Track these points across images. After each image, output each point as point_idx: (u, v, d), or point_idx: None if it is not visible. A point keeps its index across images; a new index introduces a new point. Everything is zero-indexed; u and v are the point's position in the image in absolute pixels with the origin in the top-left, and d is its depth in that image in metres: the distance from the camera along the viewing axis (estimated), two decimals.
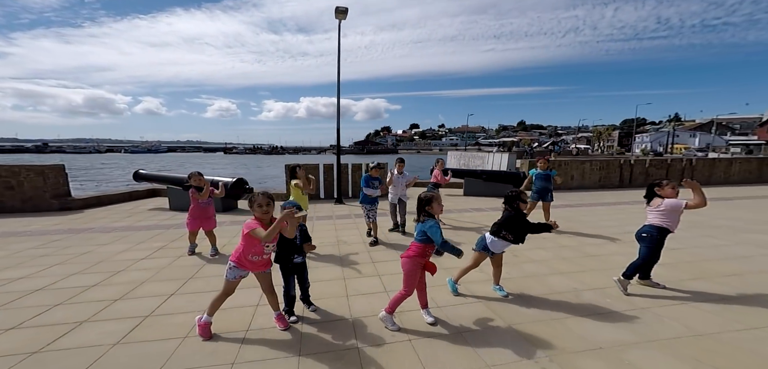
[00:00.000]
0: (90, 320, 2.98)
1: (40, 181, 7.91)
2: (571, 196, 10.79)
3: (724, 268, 4.34)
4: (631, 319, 3.07)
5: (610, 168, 13.08)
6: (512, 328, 2.94)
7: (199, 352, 2.58)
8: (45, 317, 3.04)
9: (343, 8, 9.17)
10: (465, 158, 25.16)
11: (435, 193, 2.99)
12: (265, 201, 2.72)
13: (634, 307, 3.29)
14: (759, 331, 2.84)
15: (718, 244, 5.34)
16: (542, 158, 6.66)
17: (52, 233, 5.98)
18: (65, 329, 2.83)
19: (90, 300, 3.36)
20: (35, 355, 2.48)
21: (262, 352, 2.59)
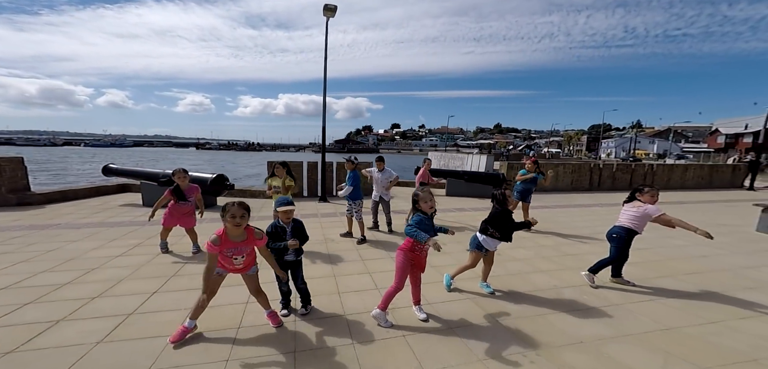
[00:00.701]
0: (67, 319, 2.81)
1: (14, 174, 7.25)
2: (546, 198, 11.30)
3: (686, 267, 4.73)
4: (607, 314, 3.29)
5: (581, 171, 13.82)
6: (500, 323, 3.08)
7: (191, 350, 2.51)
8: (15, 316, 2.83)
9: (333, 6, 9.07)
10: (445, 159, 25.69)
11: (422, 190, 3.04)
12: (239, 212, 2.55)
13: (609, 303, 3.54)
14: (718, 325, 3.13)
15: (679, 245, 5.81)
16: (530, 160, 6.77)
17: (11, 229, 5.51)
18: (40, 328, 2.66)
19: (64, 298, 3.16)
20: (9, 355, 2.31)
21: (255, 350, 2.57)
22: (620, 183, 14.18)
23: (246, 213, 2.59)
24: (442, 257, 4.90)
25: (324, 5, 9.02)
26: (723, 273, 4.52)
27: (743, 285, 4.11)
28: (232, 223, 2.53)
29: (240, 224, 2.56)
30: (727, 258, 5.19)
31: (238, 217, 2.53)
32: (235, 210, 2.53)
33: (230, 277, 2.81)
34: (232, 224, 2.53)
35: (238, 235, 2.60)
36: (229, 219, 2.53)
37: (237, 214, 2.53)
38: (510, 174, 12.49)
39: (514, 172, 12.61)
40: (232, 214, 2.52)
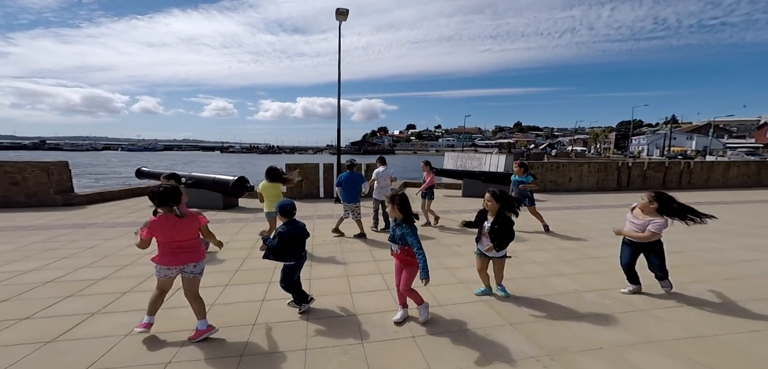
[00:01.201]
0: (101, 312, 3.04)
1: (44, 177, 7.94)
2: (569, 199, 10.87)
3: (723, 272, 4.42)
4: (630, 320, 3.14)
5: (607, 170, 13.18)
6: (514, 326, 3.01)
7: (209, 344, 2.64)
8: (57, 308, 3.09)
9: (344, 10, 9.24)
10: (462, 159, 25.21)
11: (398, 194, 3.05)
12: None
13: (634, 308, 3.37)
14: (757, 334, 2.91)
15: (718, 248, 5.43)
16: (516, 164, 6.73)
17: (57, 228, 6.02)
18: (77, 320, 2.89)
19: (100, 292, 3.41)
20: (49, 344, 2.53)
21: (269, 345, 2.66)
22: (652, 182, 13.38)
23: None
24: (455, 258, 4.86)
25: (336, 9, 9.19)
26: (765, 279, 4.18)
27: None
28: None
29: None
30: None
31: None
32: None
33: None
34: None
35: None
36: None
37: None
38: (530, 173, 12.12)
39: (534, 171, 12.24)
40: None
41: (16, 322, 2.82)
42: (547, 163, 13.19)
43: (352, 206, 5.83)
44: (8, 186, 7.73)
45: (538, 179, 6.78)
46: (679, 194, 3.43)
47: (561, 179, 12.68)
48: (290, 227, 3.05)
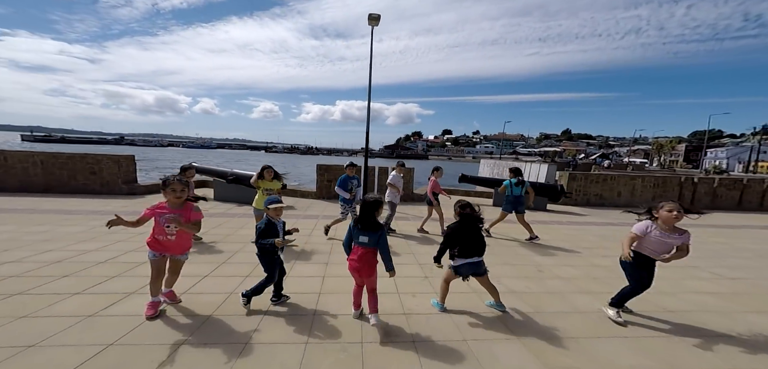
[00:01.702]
0: (137, 292, 3.44)
1: (115, 168, 9.17)
2: (615, 214, 9.93)
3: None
4: (661, 346, 2.84)
5: (667, 186, 11.79)
6: (523, 341, 2.88)
7: (217, 330, 2.87)
8: (103, 286, 3.56)
9: (376, 15, 9.46)
10: (499, 167, 24.12)
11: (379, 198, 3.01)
12: (179, 186, 2.95)
13: (657, 333, 3.04)
14: None
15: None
16: (509, 170, 6.68)
17: (120, 213, 6.90)
18: (116, 298, 3.30)
19: (140, 274, 3.86)
20: (89, 318, 2.92)
21: (274, 336, 2.82)
22: (724, 201, 11.72)
23: (186, 188, 3.01)
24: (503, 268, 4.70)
25: (368, 15, 9.42)
26: None
27: None
28: (172, 195, 2.93)
29: (180, 197, 2.96)
30: None
31: (179, 191, 2.94)
32: (176, 184, 2.94)
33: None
34: (173, 197, 2.94)
35: (176, 205, 2.97)
36: (169, 192, 2.93)
37: (177, 188, 2.94)
38: (570, 185, 11.31)
39: (577, 183, 11.40)
40: (172, 187, 2.93)
41: (69, 296, 3.29)
42: (593, 174, 12.16)
43: (350, 208, 5.96)
44: (88, 175, 9.05)
45: (530, 195, 6.72)
46: (760, 217, 3.04)
47: (608, 193, 11.65)
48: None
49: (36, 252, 4.45)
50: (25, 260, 4.14)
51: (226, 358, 2.50)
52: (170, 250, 3.04)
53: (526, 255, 5.53)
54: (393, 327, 3.05)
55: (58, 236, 5.19)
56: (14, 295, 3.25)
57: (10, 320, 2.81)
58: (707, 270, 5.09)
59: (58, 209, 7.08)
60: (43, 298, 3.21)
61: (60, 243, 4.87)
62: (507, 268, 4.81)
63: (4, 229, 5.45)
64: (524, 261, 5.22)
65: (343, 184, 5.95)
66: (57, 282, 3.59)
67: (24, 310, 2.98)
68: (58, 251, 4.52)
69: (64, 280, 3.63)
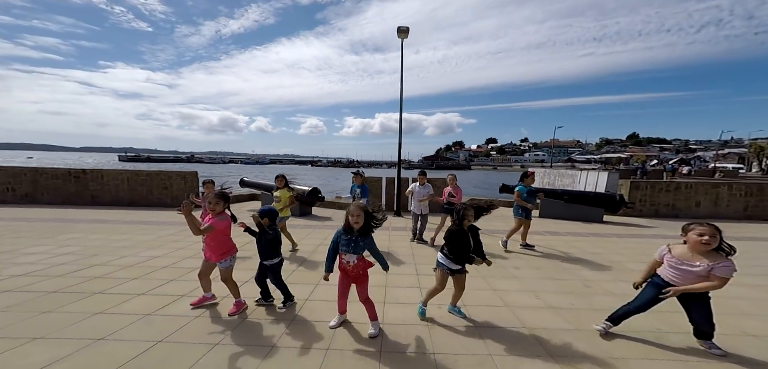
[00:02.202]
0: (186, 296, 3.88)
1: (182, 184, 10.50)
2: None
3: None
4: None
5: (764, 194, 9.91)
6: (555, 361, 2.66)
7: (250, 332, 3.12)
8: (162, 288, 4.07)
9: (405, 27, 9.61)
10: (550, 176, 22.37)
11: (353, 204, 3.01)
12: (214, 200, 3.32)
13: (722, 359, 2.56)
14: None
15: None
16: (529, 176, 6.17)
17: (183, 224, 7.85)
18: (171, 300, 3.76)
19: (192, 279, 4.35)
20: (146, 317, 3.35)
21: (299, 339, 3.00)
22: None
23: (220, 201, 3.35)
24: (510, 281, 4.45)
25: (397, 28, 9.58)
26: None
27: None
28: (209, 207, 3.35)
29: (214, 209, 3.32)
30: None
31: (214, 203, 3.32)
32: (211, 198, 3.35)
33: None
34: (209, 207, 3.35)
35: (217, 214, 3.36)
36: (208, 203, 3.39)
37: (212, 201, 3.33)
38: (633, 195, 10.10)
39: (641, 192, 10.16)
40: (209, 200, 3.36)
41: (135, 297, 3.82)
42: (662, 182, 10.72)
43: None
44: (161, 190, 10.48)
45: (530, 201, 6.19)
46: None
47: (683, 203, 10.18)
48: (275, 230, 3.52)
49: (116, 257, 5.25)
50: (108, 264, 4.91)
51: (253, 359, 2.71)
52: (205, 256, 3.47)
53: (571, 269, 5.11)
54: (415, 337, 3.03)
55: (134, 243, 6.07)
56: (96, 293, 3.88)
57: (88, 316, 3.36)
58: None
59: (137, 220, 8.28)
60: (115, 298, 3.78)
61: (134, 249, 5.69)
62: (548, 283, 4.51)
63: (97, 237, 6.52)
64: (569, 275, 4.83)
65: (351, 191, 6.25)
66: (127, 284, 4.20)
67: (101, 307, 3.54)
68: (131, 257, 5.28)
69: (132, 283, 4.23)
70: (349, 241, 2.96)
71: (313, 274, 4.70)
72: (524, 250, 6.16)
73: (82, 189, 10.44)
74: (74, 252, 5.42)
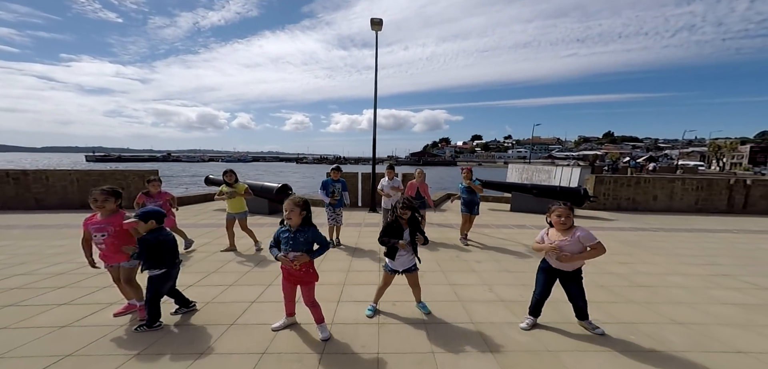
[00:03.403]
0: (117, 303, 3.55)
1: (140, 184, 9.85)
2: (648, 219, 8.98)
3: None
4: (637, 361, 2.41)
5: (712, 189, 10.48)
6: (493, 356, 2.59)
7: (179, 337, 2.87)
8: (91, 297, 3.70)
9: (378, 20, 9.43)
10: (528, 172, 22.96)
11: (286, 200, 2.81)
12: (101, 197, 3.00)
13: (649, 349, 2.58)
14: None
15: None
16: (466, 170, 6.22)
17: None
18: (96, 309, 3.40)
19: None
20: (61, 330, 3.00)
21: (287, 344, 2.80)
22: None
23: (110, 197, 3.02)
24: (472, 275, 4.39)
25: (370, 19, 9.40)
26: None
27: None
28: (94, 205, 2.98)
29: (101, 206, 2.99)
30: None
31: (100, 201, 2.98)
32: (97, 195, 2.98)
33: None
34: (95, 206, 2.99)
35: (107, 214, 3.03)
36: (92, 202, 3.00)
37: (98, 198, 2.98)
38: (598, 189, 10.43)
39: (605, 187, 10.50)
40: (93, 198, 2.98)
41: (55, 307, 3.42)
42: (623, 177, 11.13)
43: (333, 212, 5.87)
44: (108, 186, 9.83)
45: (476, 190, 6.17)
46: None
47: (642, 197, 10.59)
48: (158, 234, 2.95)
49: (47, 265, 4.77)
50: (34, 273, 4.44)
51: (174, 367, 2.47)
52: (108, 259, 3.11)
53: (529, 262, 5.12)
54: (363, 337, 2.90)
55: (72, 249, 5.56)
56: (7, 306, 3.45)
57: None
58: (742, 279, 4.39)
59: None
60: (28, 310, 3.38)
61: (71, 255, 5.20)
62: (505, 276, 4.50)
63: (31, 243, 5.94)
64: (526, 267, 4.84)
65: (324, 187, 5.88)
66: (50, 293, 3.77)
67: (8, 321, 3.14)
68: (65, 264, 4.83)
69: (57, 292, 3.82)
70: (288, 237, 2.76)
71: (266, 274, 4.46)
72: (465, 242, 6.19)
73: (23, 192, 9.55)
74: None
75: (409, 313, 3.36)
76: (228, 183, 5.56)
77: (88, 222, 3.07)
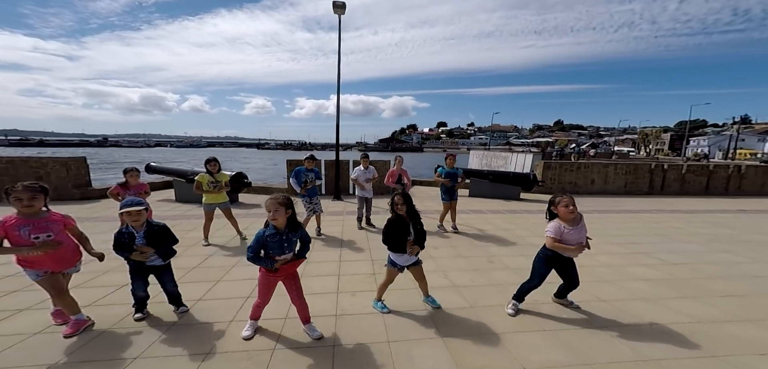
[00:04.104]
0: (33, 308, 3.17)
1: (63, 172, 8.71)
2: (585, 202, 9.92)
3: (725, 288, 3.79)
4: (572, 338, 2.71)
5: (638, 173, 11.84)
6: (443, 341, 2.72)
7: (108, 343, 2.64)
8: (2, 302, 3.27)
9: (341, 3, 9.11)
10: (488, 158, 24.17)
11: (269, 199, 2.56)
12: (27, 195, 2.44)
13: (580, 325, 2.90)
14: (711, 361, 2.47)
15: (733, 261, 4.65)
16: (449, 156, 6.41)
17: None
18: (7, 314, 3.04)
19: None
20: None
21: (235, 344, 2.62)
22: (692, 187, 11.85)
23: (39, 195, 2.51)
24: None
25: (333, 3, 9.06)
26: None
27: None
28: (18, 205, 2.43)
29: (30, 206, 2.45)
30: None
31: (26, 200, 2.44)
32: (21, 193, 2.42)
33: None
34: (20, 206, 2.43)
35: (33, 215, 2.50)
36: (14, 202, 2.43)
37: (24, 197, 2.43)
38: (545, 174, 11.27)
39: (551, 172, 11.36)
40: (17, 197, 2.41)
41: None
42: (567, 163, 12.15)
43: (309, 203, 5.73)
44: (33, 180, 8.53)
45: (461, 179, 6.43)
46: (726, 202, 2.97)
47: (582, 181, 11.66)
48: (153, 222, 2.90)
49: None
50: None
51: None
52: (51, 267, 2.61)
53: (482, 246, 5.41)
54: (322, 330, 2.86)
55: None
56: None
57: None
58: (654, 255, 5.02)
59: None
60: None
61: None
62: (459, 261, 4.69)
63: None
64: (479, 252, 5.11)
65: (296, 176, 5.63)
66: None
67: None
68: None
69: None
70: (280, 241, 2.53)
71: (214, 271, 4.22)
72: (441, 230, 6.36)
73: None
74: None
75: (366, 303, 3.38)
76: (211, 172, 5.21)
77: (14, 223, 2.44)
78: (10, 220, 2.45)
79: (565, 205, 2.87)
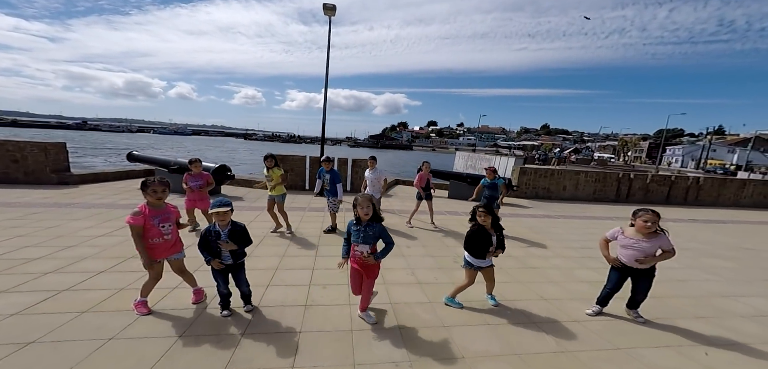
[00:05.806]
0: (15, 290, 3.31)
1: (42, 156, 8.58)
2: (556, 207, 10.50)
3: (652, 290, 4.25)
4: (508, 332, 3.08)
5: (606, 181, 12.53)
6: (399, 331, 3.03)
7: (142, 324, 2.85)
8: None
9: (331, 5, 9.29)
10: (473, 160, 24.66)
11: (361, 196, 3.03)
12: (161, 188, 2.93)
13: (521, 323, 3.29)
14: (620, 352, 2.86)
15: (666, 265, 5.18)
16: (489, 168, 6.69)
17: (36, 206, 6.47)
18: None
19: (25, 272, 3.68)
20: None
21: (207, 328, 2.93)
22: (655, 196, 12.63)
23: (167, 188, 2.98)
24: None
25: (323, 4, 9.23)
26: (687, 300, 4.14)
27: (697, 314, 3.77)
28: (153, 197, 2.89)
29: (161, 198, 2.93)
30: (712, 285, 4.74)
31: (160, 191, 2.91)
32: (156, 185, 2.90)
33: None
34: (154, 198, 2.90)
35: (158, 206, 2.96)
36: (150, 193, 2.89)
37: (158, 189, 2.91)
38: (521, 179, 11.80)
39: (527, 177, 11.89)
40: (153, 188, 2.89)
41: None
42: (542, 169, 12.72)
43: (331, 201, 6.11)
44: (8, 163, 8.36)
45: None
46: (683, 211, 3.36)
47: (555, 187, 12.24)
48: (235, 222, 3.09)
49: None
50: None
51: None
52: (164, 253, 3.03)
53: (451, 247, 5.74)
54: (289, 318, 3.16)
55: None
56: None
57: None
58: (602, 259, 5.41)
59: None
60: None
61: None
62: (427, 260, 4.99)
63: None
64: (447, 252, 5.44)
65: (319, 176, 6.18)
66: None
67: None
68: None
69: None
70: (358, 231, 3.01)
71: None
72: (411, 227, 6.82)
73: None
74: None
75: (336, 294, 3.67)
76: (268, 167, 5.76)
77: (149, 213, 2.89)
78: (145, 211, 2.88)
79: (644, 220, 3.17)
